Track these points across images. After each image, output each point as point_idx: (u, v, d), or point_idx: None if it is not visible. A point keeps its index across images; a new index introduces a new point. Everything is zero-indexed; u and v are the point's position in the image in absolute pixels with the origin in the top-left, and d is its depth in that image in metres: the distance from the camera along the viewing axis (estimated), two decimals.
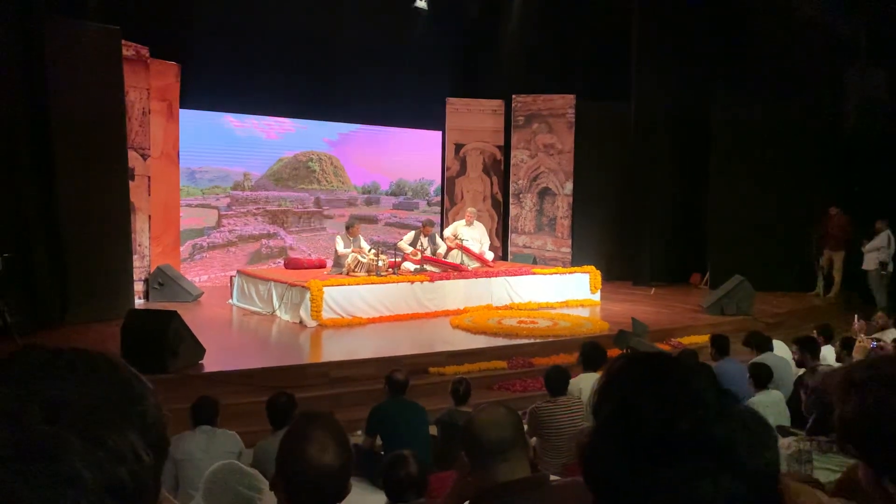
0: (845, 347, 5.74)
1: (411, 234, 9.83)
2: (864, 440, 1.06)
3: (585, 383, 4.81)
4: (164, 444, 0.73)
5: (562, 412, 4.37)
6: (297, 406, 4.02)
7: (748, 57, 11.47)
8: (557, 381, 4.50)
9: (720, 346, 5.64)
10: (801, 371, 4.93)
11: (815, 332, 6.32)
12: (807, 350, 5.19)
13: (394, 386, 4.66)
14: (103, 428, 0.65)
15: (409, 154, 13.28)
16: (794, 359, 5.33)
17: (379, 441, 4.53)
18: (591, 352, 5.06)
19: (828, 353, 5.79)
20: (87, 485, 0.61)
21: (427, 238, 9.70)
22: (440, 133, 13.38)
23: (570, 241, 12.63)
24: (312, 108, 11.83)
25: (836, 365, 5.04)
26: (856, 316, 6.97)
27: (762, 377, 4.65)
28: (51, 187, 7.67)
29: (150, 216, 9.72)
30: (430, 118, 13.05)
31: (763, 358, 5.28)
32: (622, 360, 0.91)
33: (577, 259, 12.04)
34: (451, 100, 13.05)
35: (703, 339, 8.02)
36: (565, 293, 9.81)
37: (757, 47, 11.39)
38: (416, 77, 12.41)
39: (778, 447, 0.83)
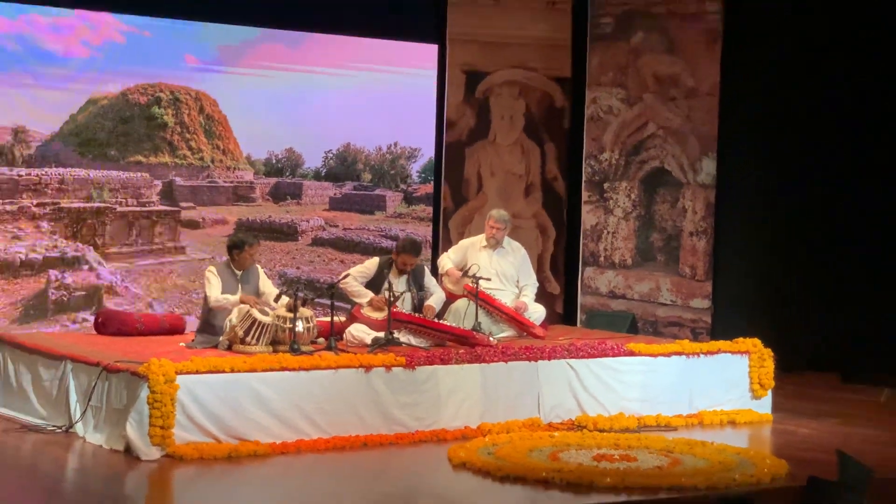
0: None
1: (371, 264, 9.93)
2: None
3: None
4: None
5: None
6: None
7: None
8: None
9: None
10: None
11: None
12: None
13: None
14: None
15: (367, 93, 13.41)
16: None
17: None
18: None
19: None
20: None
21: (406, 276, 9.81)
22: (434, 49, 13.56)
23: (709, 286, 12.75)
24: None
25: None
26: None
27: None
28: None
29: None
30: (415, 17, 13.27)
31: None
32: None
33: (726, 324, 12.16)
34: None
35: None
36: (699, 397, 9.88)
37: None
38: None
39: None
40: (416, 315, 9.57)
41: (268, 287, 9.42)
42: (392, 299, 9.28)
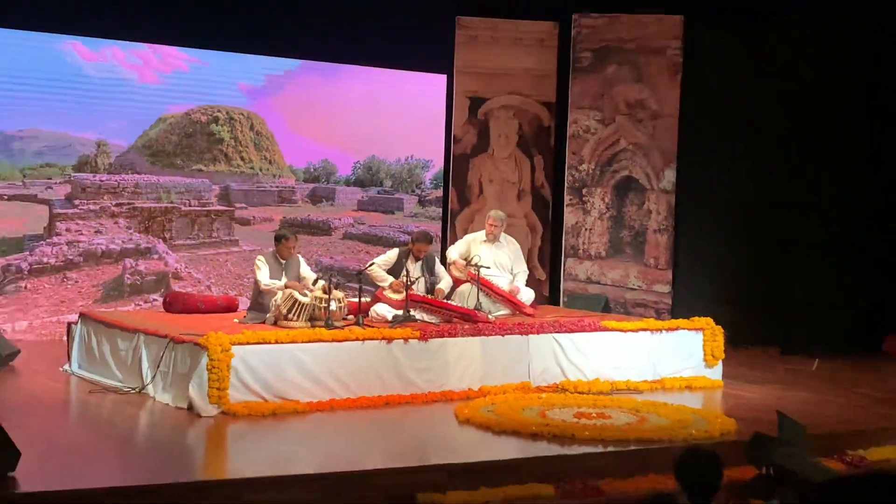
0: None
1: (391, 254, 9.89)
2: None
3: None
4: None
5: None
6: None
7: None
8: None
9: None
10: None
11: None
12: None
13: None
14: None
15: (388, 115, 13.39)
16: None
17: None
18: (693, 467, 5.03)
19: None
20: None
21: (419, 263, 9.75)
22: (443, 79, 13.52)
23: (670, 274, 12.72)
24: (220, 30, 11.98)
25: None
26: None
27: None
28: None
29: None
30: (428, 52, 13.21)
31: None
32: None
33: (684, 305, 12.09)
34: (464, 20, 13.19)
35: None
36: (661, 365, 9.83)
37: None
38: None
39: None
40: (429, 296, 9.56)
41: (307, 273, 9.40)
42: (409, 283, 9.28)
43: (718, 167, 12.67)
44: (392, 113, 13.43)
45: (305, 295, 8.91)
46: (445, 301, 9.67)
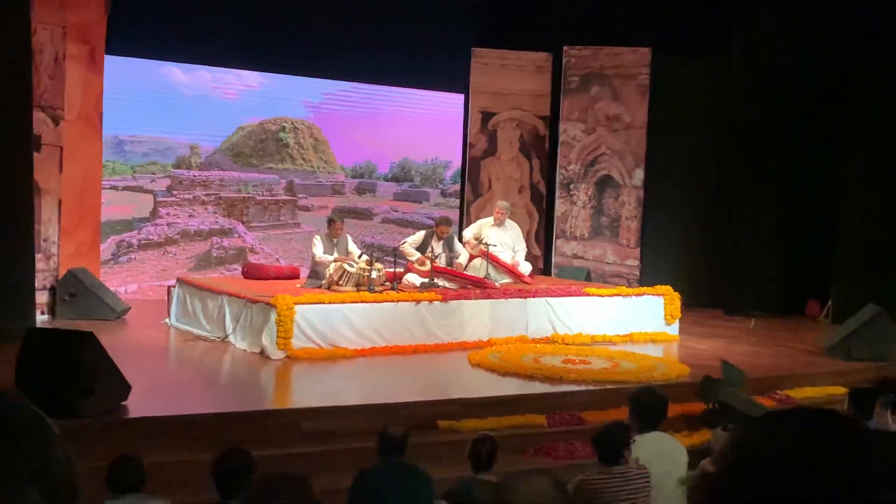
0: None
1: (419, 234, 9.88)
2: None
3: (646, 449, 4.79)
4: None
5: (619, 486, 4.36)
6: (255, 469, 4.03)
7: None
8: (615, 444, 4.48)
9: (863, 403, 5.48)
10: None
11: None
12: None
13: (387, 444, 4.64)
14: None
15: (417, 125, 13.39)
16: None
17: None
18: (644, 401, 5.04)
19: None
20: None
21: (441, 242, 9.74)
22: (461, 97, 13.47)
23: (638, 252, 12.68)
24: (286, 57, 11.97)
25: None
26: None
27: None
28: None
29: (60, 201, 9.81)
30: (449, 76, 13.16)
31: None
32: (761, 425, 0.94)
33: (649, 276, 12.06)
34: (478, 51, 13.13)
35: (821, 392, 7.97)
36: (630, 323, 9.80)
37: None
38: (430, 17, 12.50)
39: None
40: (449, 268, 9.55)
41: (354, 249, 9.42)
42: (433, 258, 9.30)
43: (677, 168, 12.59)
44: (420, 124, 13.43)
45: (352, 266, 8.93)
46: (462, 272, 9.67)
